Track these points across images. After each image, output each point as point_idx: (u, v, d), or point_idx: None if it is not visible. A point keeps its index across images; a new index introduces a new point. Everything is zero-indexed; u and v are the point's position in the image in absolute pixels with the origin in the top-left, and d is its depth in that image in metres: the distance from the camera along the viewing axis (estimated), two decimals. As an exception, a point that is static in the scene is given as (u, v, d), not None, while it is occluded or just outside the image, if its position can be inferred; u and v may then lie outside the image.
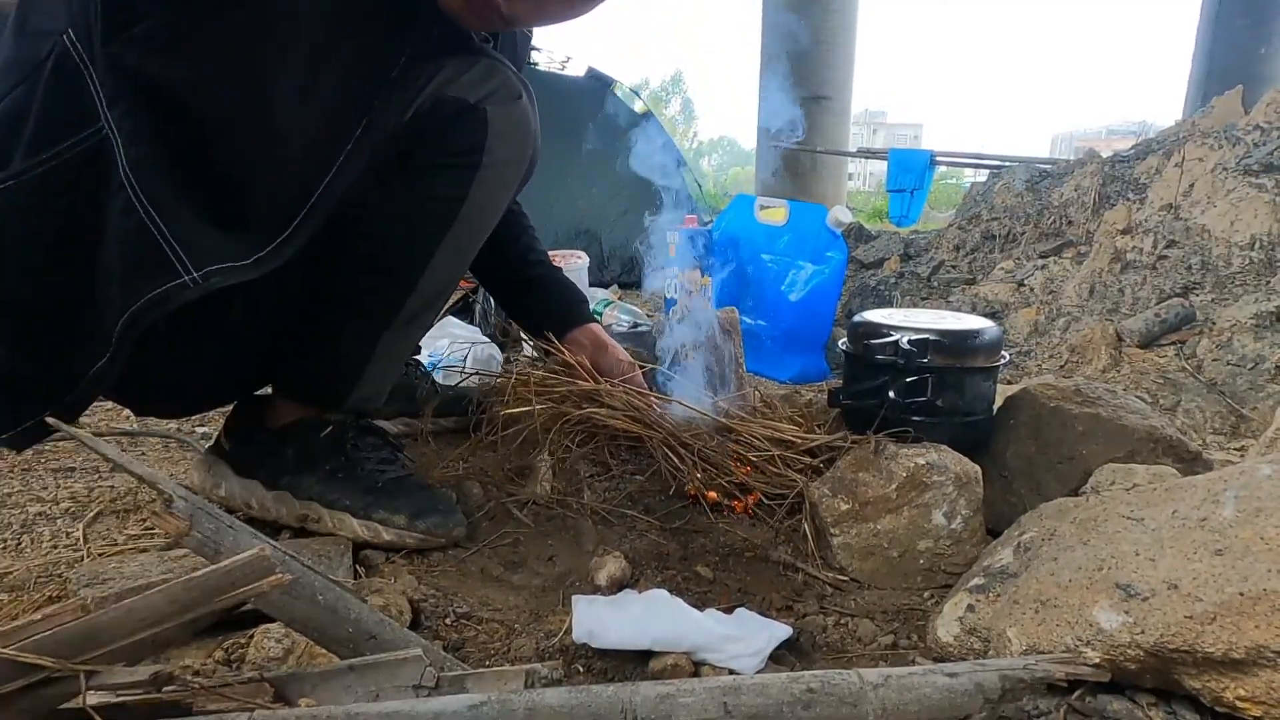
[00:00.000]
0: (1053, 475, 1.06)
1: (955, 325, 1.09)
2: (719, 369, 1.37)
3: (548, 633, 0.83)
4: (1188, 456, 1.05)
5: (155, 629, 0.60)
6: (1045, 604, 0.74)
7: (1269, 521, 0.68)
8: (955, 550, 0.98)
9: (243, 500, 1.05)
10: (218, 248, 0.82)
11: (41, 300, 0.83)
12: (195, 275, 0.79)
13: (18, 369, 0.84)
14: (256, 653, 0.70)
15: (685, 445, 1.17)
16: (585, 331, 1.38)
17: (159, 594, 0.60)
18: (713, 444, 1.19)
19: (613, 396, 1.24)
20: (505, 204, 1.10)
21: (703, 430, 1.22)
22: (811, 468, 1.13)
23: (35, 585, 0.91)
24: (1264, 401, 1.68)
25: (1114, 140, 26.79)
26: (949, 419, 1.07)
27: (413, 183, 0.95)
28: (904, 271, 3.17)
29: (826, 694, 0.60)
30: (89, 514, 1.10)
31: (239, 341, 0.96)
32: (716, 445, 1.19)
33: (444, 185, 0.95)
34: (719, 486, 1.14)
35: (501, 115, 0.98)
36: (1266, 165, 2.36)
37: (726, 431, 1.21)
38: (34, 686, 0.56)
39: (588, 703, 0.58)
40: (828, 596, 0.96)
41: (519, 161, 1.06)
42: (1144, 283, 2.27)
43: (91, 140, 0.79)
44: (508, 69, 0.99)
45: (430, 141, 0.92)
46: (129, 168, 0.78)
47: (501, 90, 0.99)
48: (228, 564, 0.62)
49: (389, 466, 1.08)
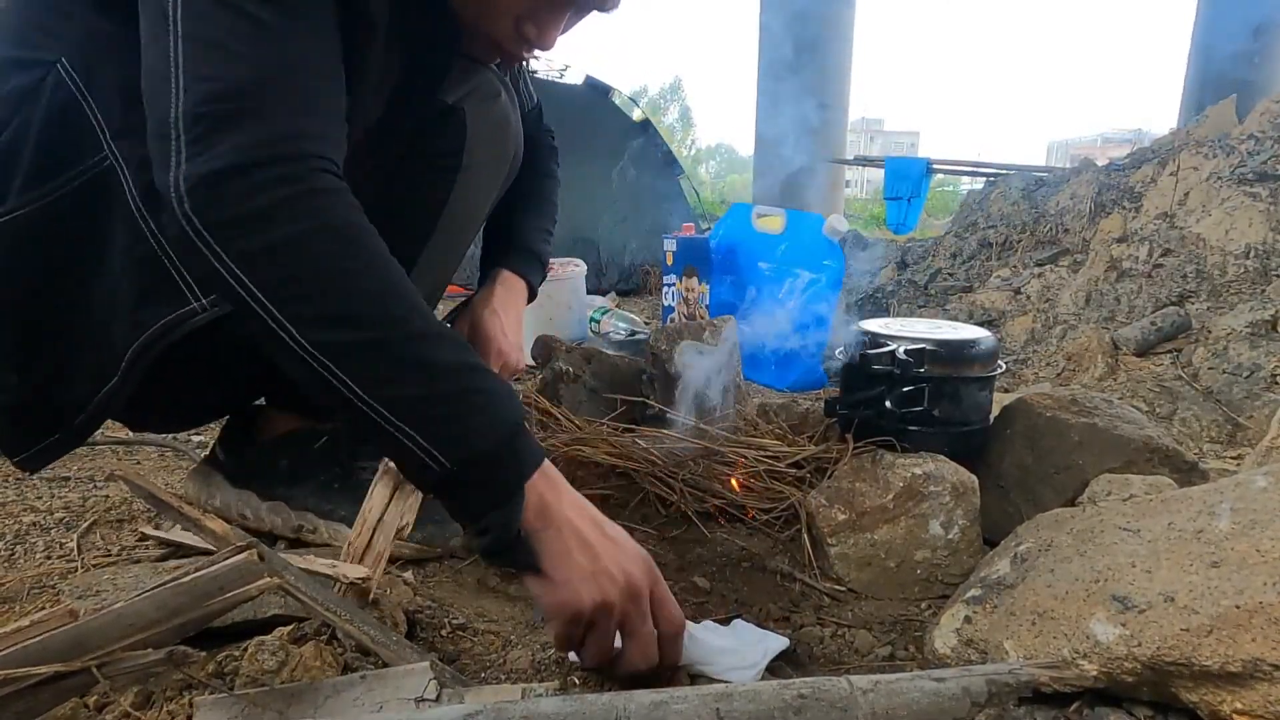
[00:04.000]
0: (1049, 485, 1.06)
1: (951, 335, 1.09)
2: (716, 378, 1.37)
3: (543, 644, 0.83)
4: (1184, 467, 1.05)
5: (144, 634, 0.60)
6: (1042, 616, 0.74)
7: (1265, 534, 0.68)
8: (952, 560, 0.98)
9: (238, 511, 1.05)
10: None
11: (45, 327, 0.83)
12: (204, 301, 0.79)
13: (26, 394, 0.85)
14: (250, 665, 0.70)
15: (671, 475, 1.16)
16: (474, 305, 1.10)
17: (147, 599, 0.60)
18: (699, 470, 1.18)
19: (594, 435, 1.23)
20: (489, 203, 1.09)
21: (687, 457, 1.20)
22: (799, 479, 1.13)
23: (28, 596, 0.91)
24: (1260, 410, 1.68)
25: (1109, 148, 26.91)
26: (945, 429, 1.07)
27: (393, 186, 0.94)
28: (901, 279, 3.18)
29: (817, 699, 0.60)
30: (83, 524, 1.09)
31: (235, 356, 0.96)
32: (703, 470, 1.18)
33: (425, 188, 0.94)
34: (709, 510, 1.13)
35: (480, 115, 0.98)
36: (1260, 174, 2.37)
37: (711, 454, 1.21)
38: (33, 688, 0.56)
39: (582, 710, 0.58)
40: (825, 607, 0.95)
41: (500, 161, 1.06)
42: (1140, 291, 2.28)
43: (94, 170, 0.78)
44: (486, 68, 0.99)
45: (409, 144, 0.92)
46: (139, 197, 0.78)
47: (480, 90, 0.99)
48: (216, 568, 0.62)
49: (385, 476, 1.07)
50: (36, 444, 0.85)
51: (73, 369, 0.84)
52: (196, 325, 0.79)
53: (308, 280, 0.64)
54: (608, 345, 2.33)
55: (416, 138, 0.91)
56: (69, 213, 0.79)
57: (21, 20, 0.80)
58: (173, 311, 0.79)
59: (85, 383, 0.83)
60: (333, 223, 0.65)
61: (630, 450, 1.19)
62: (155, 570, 0.93)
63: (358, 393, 0.63)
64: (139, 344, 0.80)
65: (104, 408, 0.84)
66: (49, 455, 0.86)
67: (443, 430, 0.65)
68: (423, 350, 0.65)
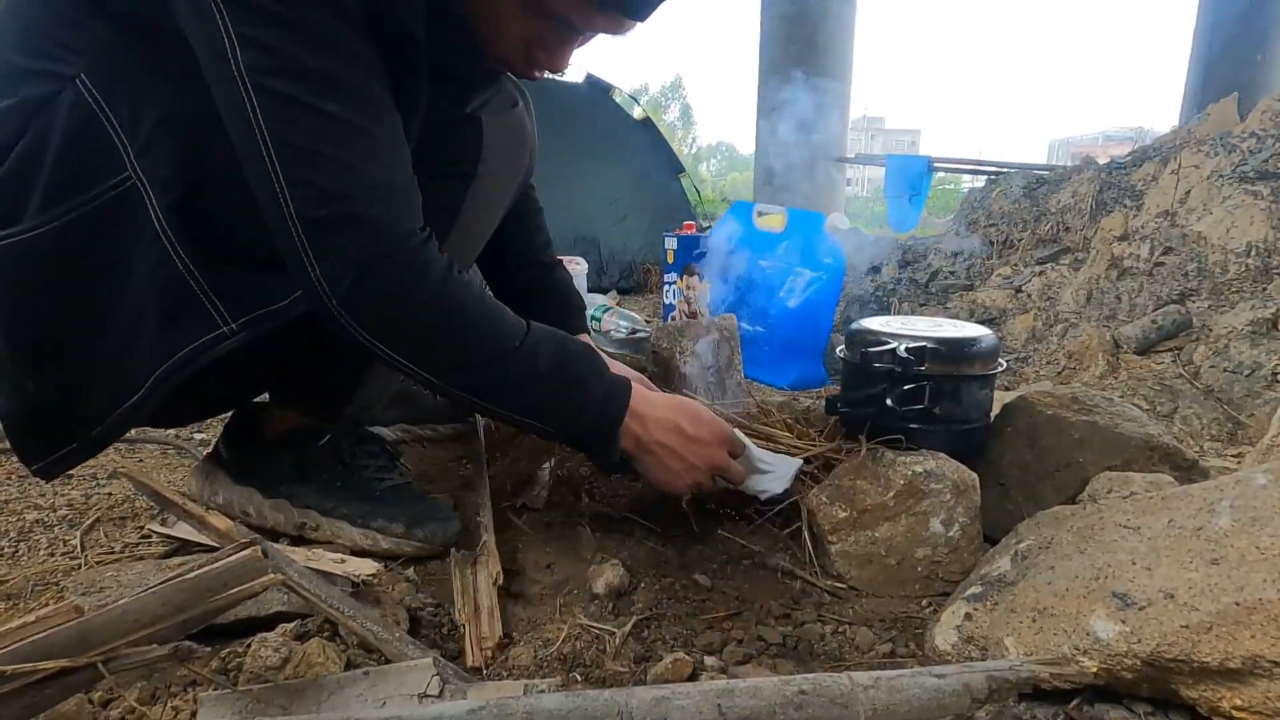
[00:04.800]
0: (1049, 483, 1.07)
1: (953, 333, 1.09)
2: (718, 376, 1.37)
3: (545, 641, 0.83)
4: (1184, 464, 1.05)
5: (149, 630, 0.60)
6: (1042, 613, 0.74)
7: (1264, 531, 0.68)
8: (953, 558, 0.98)
9: (240, 508, 1.05)
10: (253, 292, 0.84)
11: (63, 341, 0.84)
12: (233, 325, 0.82)
13: (44, 404, 0.85)
14: (254, 662, 0.70)
15: None
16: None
17: (152, 595, 0.60)
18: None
19: None
20: (500, 212, 1.10)
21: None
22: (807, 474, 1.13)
23: (32, 593, 0.91)
24: (1260, 408, 1.68)
25: (1110, 146, 26.88)
26: (946, 427, 1.07)
27: None
28: (902, 277, 3.18)
29: (818, 695, 0.61)
30: (86, 521, 1.10)
31: (242, 356, 0.97)
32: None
33: (438, 196, 0.95)
34: (711, 508, 1.13)
35: (497, 124, 0.98)
36: (1262, 172, 2.37)
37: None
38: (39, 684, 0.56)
39: (584, 706, 0.58)
40: (826, 604, 0.96)
41: (514, 171, 1.06)
42: (1141, 289, 2.28)
43: (117, 189, 0.79)
44: (503, 75, 0.99)
45: (425, 152, 0.93)
46: (163, 218, 0.79)
47: (497, 99, 0.99)
48: (220, 565, 0.62)
49: (387, 474, 1.08)
50: (53, 452, 0.86)
51: (92, 382, 0.84)
52: (227, 350, 0.82)
53: (437, 344, 0.83)
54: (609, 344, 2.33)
55: (432, 145, 0.92)
56: (90, 230, 0.79)
57: (33, 29, 0.79)
58: (201, 336, 0.82)
59: (105, 396, 0.84)
60: (442, 292, 0.81)
61: None
62: (159, 567, 0.93)
63: (492, 407, 0.89)
64: (168, 366, 0.82)
65: (124, 421, 0.85)
66: (65, 464, 0.87)
67: (553, 416, 0.90)
68: (528, 367, 0.85)
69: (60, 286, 0.81)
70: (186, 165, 0.79)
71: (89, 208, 0.78)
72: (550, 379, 0.87)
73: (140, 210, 0.79)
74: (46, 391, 0.85)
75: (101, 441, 0.87)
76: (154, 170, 0.78)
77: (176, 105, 0.78)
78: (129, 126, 0.78)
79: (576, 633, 0.85)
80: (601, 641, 0.84)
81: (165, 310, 0.81)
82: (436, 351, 0.83)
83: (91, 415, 0.85)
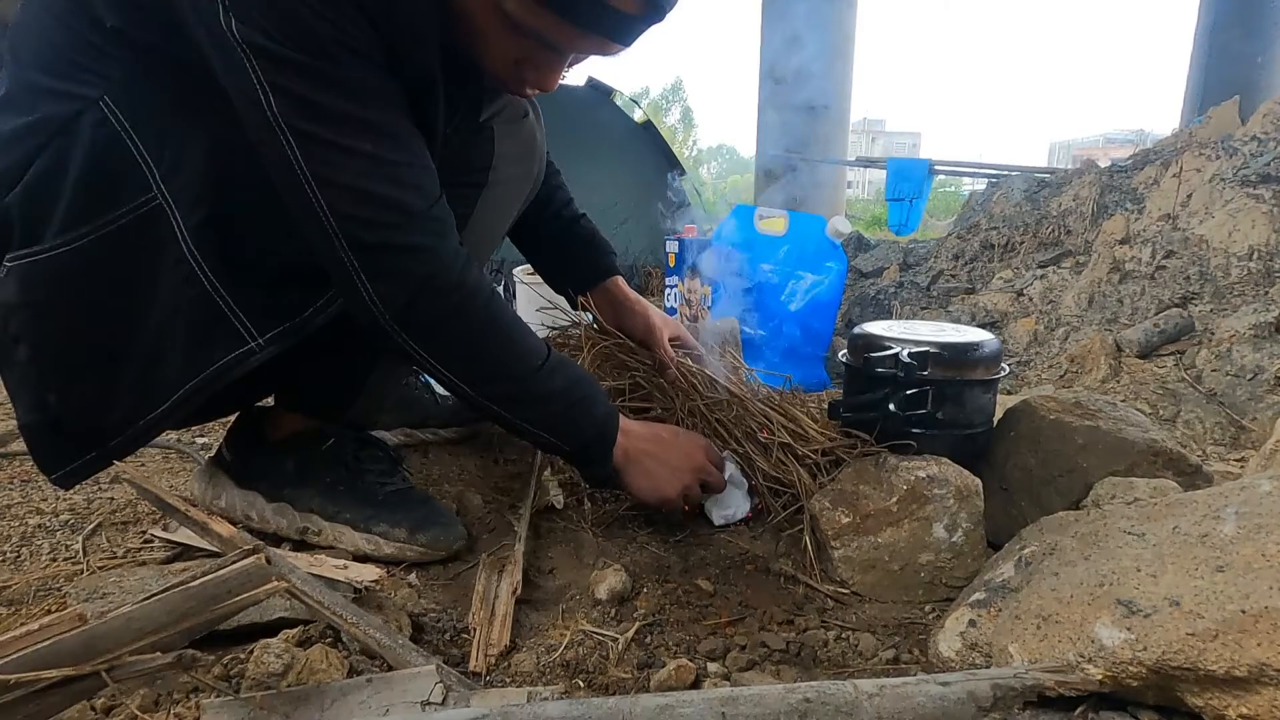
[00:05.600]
0: (1053, 488, 1.06)
1: (955, 338, 1.09)
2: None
3: (548, 647, 0.83)
4: (1188, 470, 1.05)
5: (153, 638, 0.60)
6: (1047, 619, 0.74)
7: (1270, 538, 0.68)
8: (956, 563, 0.98)
9: (243, 512, 1.05)
10: (275, 307, 0.86)
11: (86, 357, 0.84)
12: (260, 340, 0.84)
13: (65, 416, 0.86)
14: (256, 668, 0.70)
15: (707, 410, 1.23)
16: (602, 291, 1.31)
17: (156, 603, 0.60)
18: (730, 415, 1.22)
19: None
20: (509, 220, 1.10)
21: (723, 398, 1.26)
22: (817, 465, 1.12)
23: (34, 599, 0.91)
24: (1264, 412, 1.68)
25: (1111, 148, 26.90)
26: (949, 431, 1.07)
27: None
28: (903, 281, 3.18)
29: (822, 703, 0.61)
30: (88, 526, 1.10)
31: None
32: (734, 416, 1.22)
33: (451, 203, 0.96)
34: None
35: (508, 134, 0.99)
36: (1263, 176, 2.37)
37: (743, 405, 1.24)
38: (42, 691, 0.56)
39: (588, 714, 0.58)
40: (829, 610, 0.95)
41: (524, 179, 1.06)
42: (1143, 293, 2.28)
43: (141, 210, 0.79)
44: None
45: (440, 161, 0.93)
46: (190, 239, 0.80)
47: (508, 109, 1.00)
48: (224, 572, 0.62)
49: (389, 479, 1.08)
50: (71, 461, 0.87)
51: (115, 396, 0.85)
52: (255, 364, 0.84)
53: (481, 358, 0.90)
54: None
55: (447, 153, 0.92)
56: (113, 250, 0.80)
57: (52, 50, 0.79)
58: (232, 351, 0.83)
59: (127, 409, 0.85)
60: (488, 312, 0.88)
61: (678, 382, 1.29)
62: (161, 572, 0.93)
63: (515, 419, 0.95)
64: (198, 381, 0.84)
65: (145, 434, 0.87)
66: (84, 473, 0.88)
67: (562, 432, 0.96)
68: (546, 385, 0.93)
69: (83, 304, 0.82)
70: (212, 186, 0.80)
71: (113, 227, 0.79)
72: (565, 395, 0.94)
73: (165, 229, 0.79)
74: (68, 405, 0.86)
75: (119, 452, 0.88)
76: (182, 191, 0.79)
77: (201, 128, 0.79)
78: (154, 148, 0.78)
79: (579, 638, 0.85)
80: (604, 647, 0.84)
81: (193, 327, 0.83)
82: (478, 365, 0.90)
83: (112, 427, 0.86)
